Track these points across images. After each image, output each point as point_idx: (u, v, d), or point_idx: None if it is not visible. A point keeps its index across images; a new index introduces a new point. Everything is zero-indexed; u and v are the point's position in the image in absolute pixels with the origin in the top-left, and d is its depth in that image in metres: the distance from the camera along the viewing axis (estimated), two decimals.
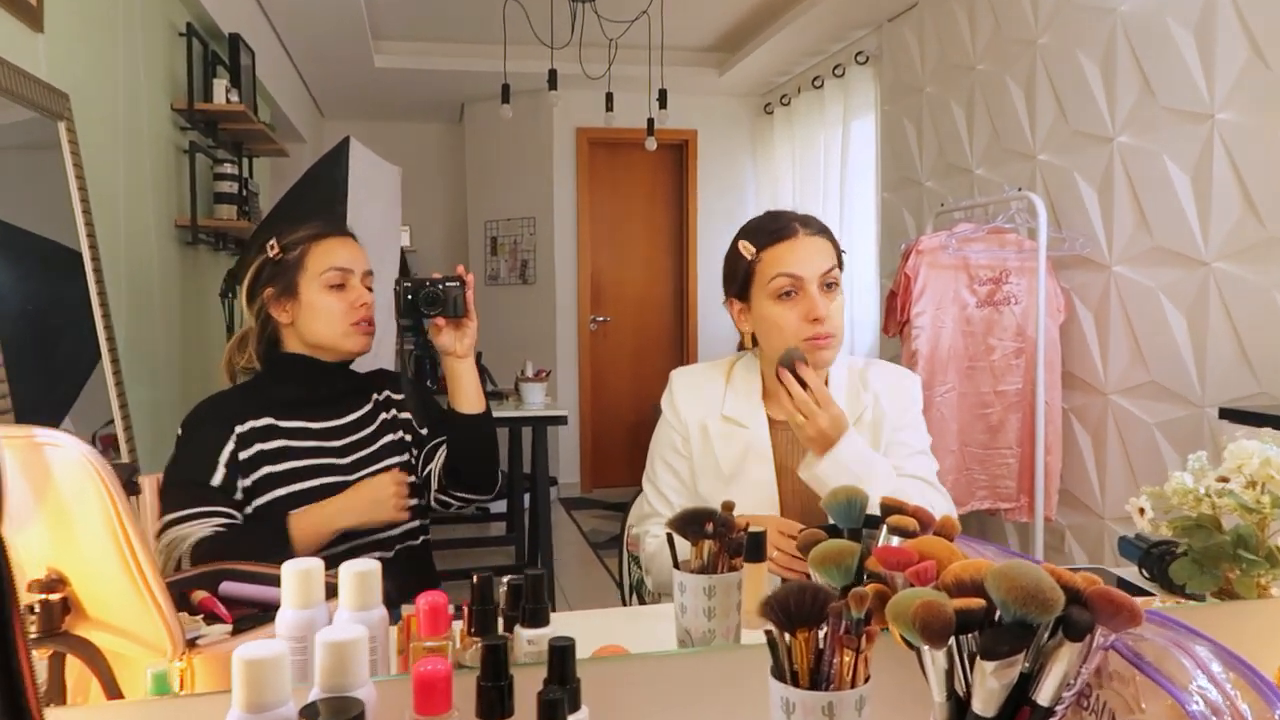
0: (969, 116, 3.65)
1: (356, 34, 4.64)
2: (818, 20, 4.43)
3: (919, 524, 0.98)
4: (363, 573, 0.82)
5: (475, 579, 0.86)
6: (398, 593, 1.56)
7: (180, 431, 1.52)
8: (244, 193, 3.41)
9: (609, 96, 4.42)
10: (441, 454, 1.59)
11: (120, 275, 2.54)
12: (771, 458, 1.50)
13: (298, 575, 0.82)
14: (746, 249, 1.47)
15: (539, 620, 0.86)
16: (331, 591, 1.38)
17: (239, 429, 1.49)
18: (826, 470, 1.35)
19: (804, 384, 1.36)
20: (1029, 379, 3.09)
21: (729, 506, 1.00)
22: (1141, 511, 1.15)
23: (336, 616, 0.82)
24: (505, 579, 0.92)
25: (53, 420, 2.13)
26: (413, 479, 1.56)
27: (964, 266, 3.15)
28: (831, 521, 1.02)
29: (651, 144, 4.53)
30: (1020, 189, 3.06)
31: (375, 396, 1.64)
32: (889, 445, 1.48)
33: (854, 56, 4.58)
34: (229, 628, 0.97)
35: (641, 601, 1.68)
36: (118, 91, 2.57)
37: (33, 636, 0.84)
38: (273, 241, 1.56)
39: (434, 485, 1.59)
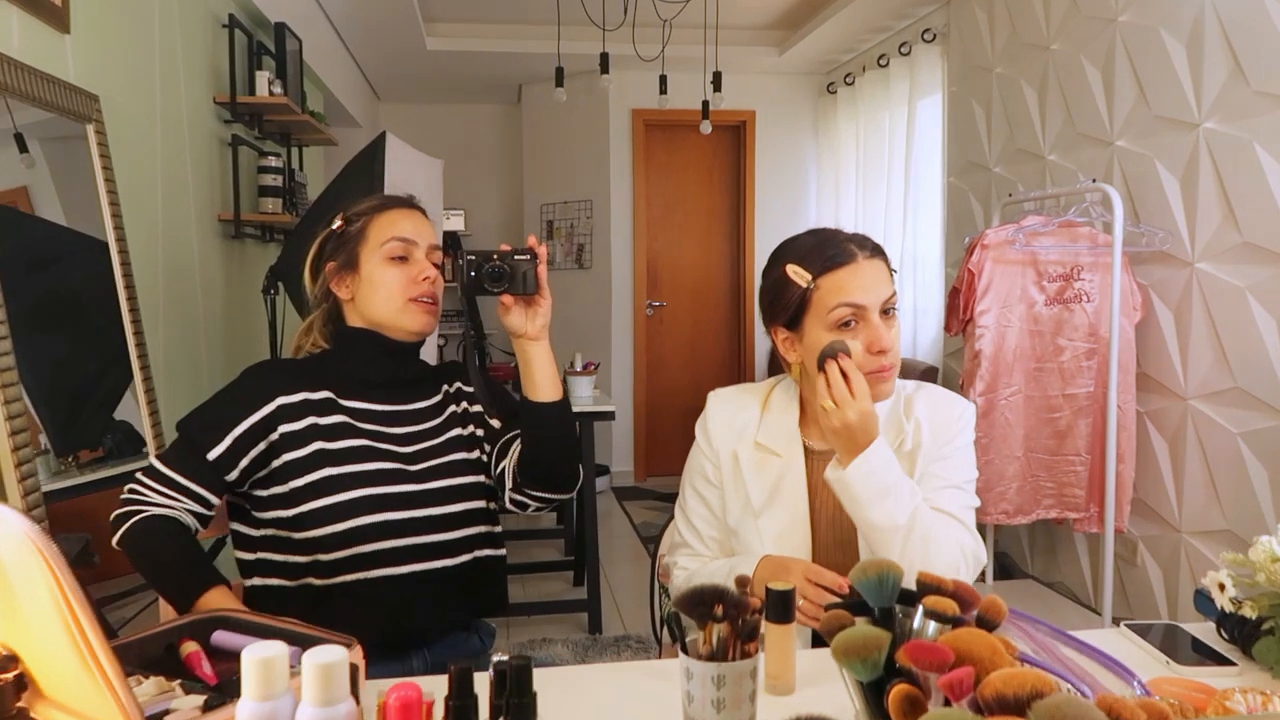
0: (1041, 99, 3.45)
1: (406, 17, 4.58)
2: None
3: (960, 604, 0.87)
4: (327, 664, 0.74)
5: (452, 668, 0.77)
6: (465, 610, 1.48)
7: (237, 378, 1.44)
8: (289, 184, 3.38)
9: (662, 79, 4.29)
10: (516, 449, 1.46)
11: (158, 270, 2.53)
12: (805, 490, 1.39)
13: (258, 664, 0.74)
14: (800, 275, 1.32)
15: (524, 717, 0.77)
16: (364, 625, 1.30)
17: (284, 399, 1.39)
18: (853, 476, 1.24)
19: (845, 376, 1.25)
20: (1101, 382, 2.91)
21: (743, 582, 0.90)
22: (1221, 588, 1.02)
23: (299, 712, 0.74)
24: (495, 660, 0.83)
25: (102, 414, 2.12)
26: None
27: (1032, 262, 2.97)
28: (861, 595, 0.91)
29: (706, 127, 4.40)
30: (1095, 180, 2.87)
31: (445, 387, 1.53)
32: (922, 476, 1.36)
33: (921, 34, 4.38)
34: (200, 701, 0.91)
35: (674, 636, 1.59)
36: (154, 87, 2.54)
37: None
38: (338, 215, 1.48)
39: (508, 484, 1.46)
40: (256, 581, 1.39)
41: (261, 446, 1.37)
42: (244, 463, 1.37)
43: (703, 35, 4.46)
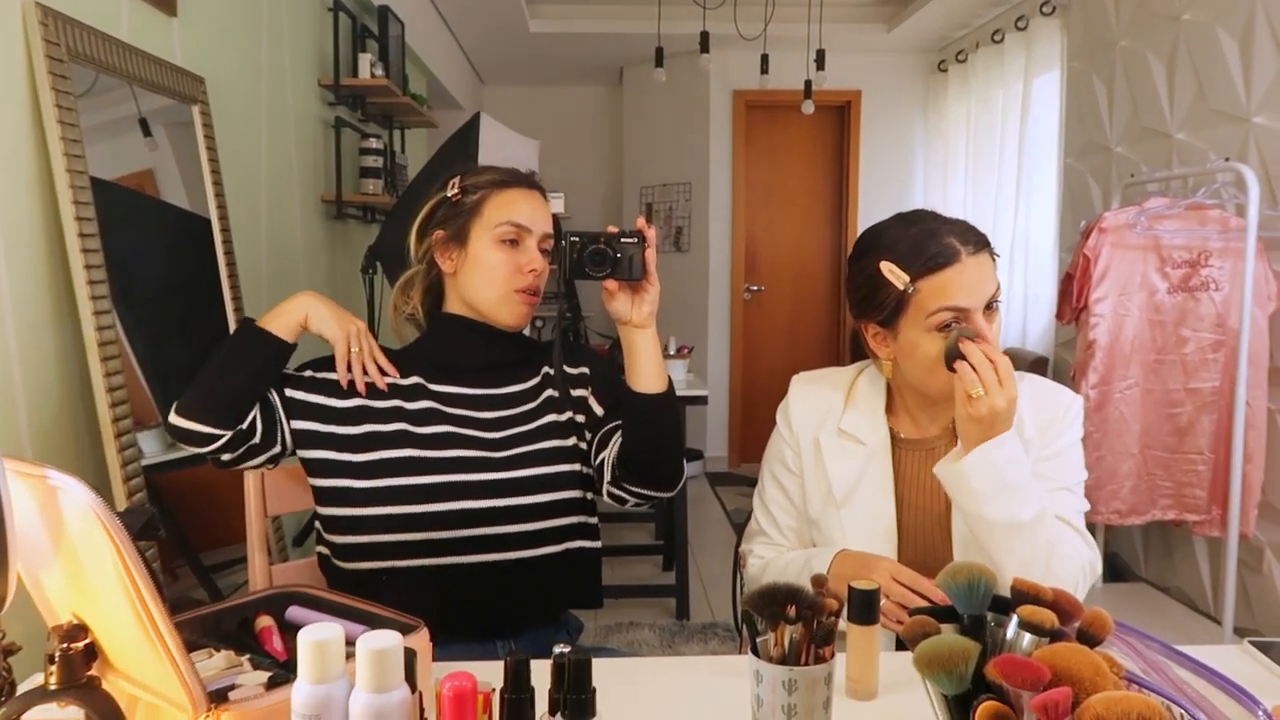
0: (1170, 73, 3.23)
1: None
2: None
3: (1059, 615, 0.79)
4: (381, 650, 0.72)
5: (507, 661, 0.74)
6: (553, 602, 1.43)
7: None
8: (390, 166, 3.42)
9: (764, 58, 4.19)
10: (617, 440, 1.37)
11: (261, 250, 2.59)
12: (891, 480, 1.31)
13: (313, 647, 0.73)
14: (897, 276, 1.23)
15: (582, 713, 0.74)
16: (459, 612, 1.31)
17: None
18: (974, 466, 1.15)
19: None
20: (1229, 376, 2.72)
21: (819, 582, 0.84)
22: None
23: (353, 697, 0.73)
24: (555, 651, 0.80)
25: None
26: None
27: (1155, 247, 2.79)
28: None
29: (808, 107, 4.29)
30: (1228, 159, 2.67)
31: (546, 370, 1.45)
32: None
33: (1039, 6, 4.15)
34: (265, 678, 0.90)
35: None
36: (259, 70, 2.60)
37: (51, 688, 0.78)
38: (455, 180, 1.44)
39: (606, 476, 1.38)
40: (340, 564, 1.37)
41: (330, 400, 1.37)
42: (305, 394, 1.37)
43: (807, 12, 4.34)
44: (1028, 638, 0.78)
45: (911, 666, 0.76)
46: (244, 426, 1.32)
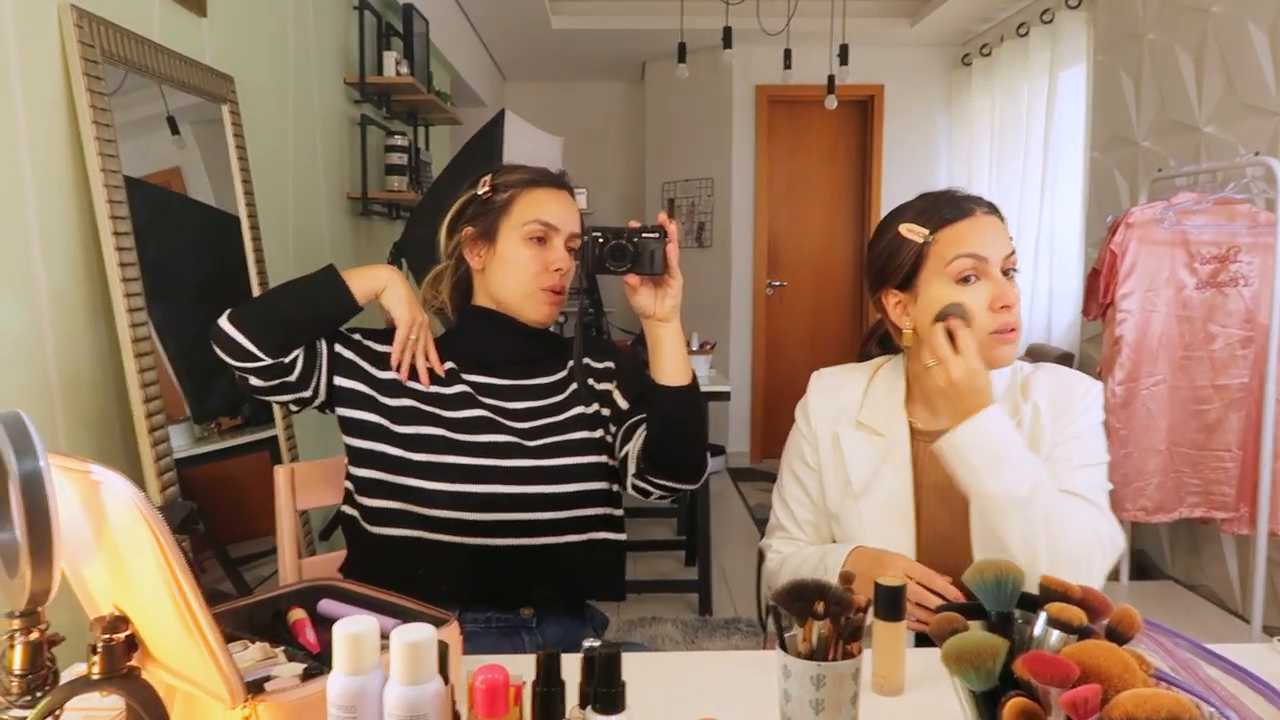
0: (1198, 66, 3.19)
1: None
2: None
3: (1088, 613, 0.79)
4: (414, 643, 0.73)
5: (539, 655, 0.75)
6: (576, 592, 1.46)
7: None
8: (415, 163, 3.45)
9: (787, 53, 4.18)
10: (641, 433, 1.39)
11: (289, 247, 2.61)
12: (910, 472, 1.32)
13: (347, 639, 0.74)
14: (915, 232, 1.28)
15: (612, 706, 0.75)
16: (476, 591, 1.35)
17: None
18: (962, 437, 1.18)
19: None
20: (1258, 372, 2.69)
21: (848, 579, 0.85)
22: None
23: (387, 689, 0.74)
24: (585, 645, 0.81)
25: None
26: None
27: (1183, 242, 2.76)
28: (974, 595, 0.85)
29: (831, 102, 4.27)
30: (1258, 153, 2.64)
31: (572, 363, 1.48)
32: (1046, 461, 1.26)
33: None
34: (300, 669, 0.92)
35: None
36: (286, 69, 2.62)
37: (94, 678, 0.80)
38: (486, 178, 1.47)
39: (631, 469, 1.40)
40: (369, 526, 1.38)
41: (373, 368, 1.40)
42: (353, 355, 1.40)
43: (830, 7, 4.32)
44: (1056, 634, 0.78)
45: (936, 663, 0.76)
46: (285, 361, 1.36)
